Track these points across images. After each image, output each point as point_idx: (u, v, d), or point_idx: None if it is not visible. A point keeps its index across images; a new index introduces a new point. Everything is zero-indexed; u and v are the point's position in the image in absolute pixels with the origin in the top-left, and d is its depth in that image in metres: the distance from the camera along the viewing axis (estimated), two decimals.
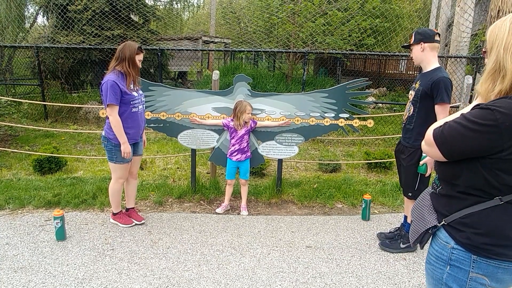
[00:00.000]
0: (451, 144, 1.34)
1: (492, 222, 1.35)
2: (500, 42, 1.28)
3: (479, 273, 1.39)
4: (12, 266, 3.03)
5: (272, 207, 4.44)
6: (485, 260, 1.37)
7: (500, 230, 1.35)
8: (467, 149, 1.30)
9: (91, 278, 2.90)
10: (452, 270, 1.44)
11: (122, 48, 3.46)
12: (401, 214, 4.29)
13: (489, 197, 1.35)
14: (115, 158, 3.56)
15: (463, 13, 6.86)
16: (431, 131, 1.40)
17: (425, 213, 1.53)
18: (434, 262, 1.50)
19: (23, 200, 4.25)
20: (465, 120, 1.31)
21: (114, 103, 3.37)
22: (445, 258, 1.45)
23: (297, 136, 4.37)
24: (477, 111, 1.29)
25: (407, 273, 3.09)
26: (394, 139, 7.62)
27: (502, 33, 1.29)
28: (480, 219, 1.36)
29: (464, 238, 1.40)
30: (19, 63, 11.96)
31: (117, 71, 3.46)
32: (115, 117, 3.41)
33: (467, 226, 1.39)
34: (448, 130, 1.34)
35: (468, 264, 1.40)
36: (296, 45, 9.23)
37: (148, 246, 3.41)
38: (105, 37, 8.79)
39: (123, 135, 3.47)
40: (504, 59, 1.27)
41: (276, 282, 2.91)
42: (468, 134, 1.29)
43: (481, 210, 1.36)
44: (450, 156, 1.36)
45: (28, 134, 7.58)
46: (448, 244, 1.44)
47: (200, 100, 4.32)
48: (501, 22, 1.32)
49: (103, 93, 3.38)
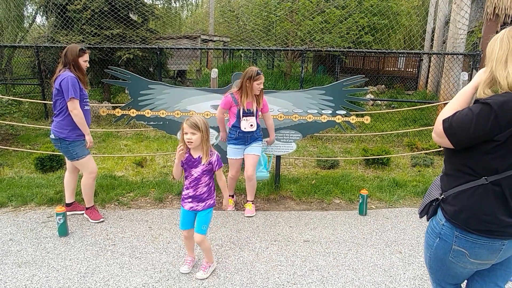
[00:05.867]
0: (459, 136, 1.57)
1: (473, 200, 1.61)
2: (494, 56, 1.56)
3: (460, 246, 1.68)
4: (16, 261, 3.09)
5: (271, 203, 4.50)
6: (464, 235, 1.65)
7: (478, 208, 1.60)
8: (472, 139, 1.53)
9: (93, 272, 2.97)
10: (440, 241, 1.75)
11: (65, 52, 3.64)
12: (398, 209, 4.37)
13: (478, 177, 1.59)
14: (75, 155, 3.69)
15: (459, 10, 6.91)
16: (441, 124, 1.62)
17: (432, 189, 1.83)
18: (430, 232, 1.82)
19: (25, 198, 4.31)
20: (471, 112, 1.53)
21: (76, 97, 3.54)
22: (437, 232, 1.76)
23: (295, 133, 4.43)
24: (479, 105, 1.53)
25: (402, 266, 3.15)
26: (392, 135, 7.68)
27: (497, 48, 1.56)
28: (467, 196, 1.62)
29: (451, 212, 1.67)
30: (19, 62, 12.01)
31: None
32: (79, 110, 3.59)
33: (456, 201, 1.66)
34: (456, 122, 1.56)
35: (452, 238, 1.70)
36: (294, 43, 9.28)
37: (149, 241, 3.48)
38: (104, 36, 8.83)
39: (87, 127, 3.69)
40: (496, 70, 1.54)
41: (274, 275, 2.98)
42: (472, 125, 1.51)
43: (468, 188, 1.62)
44: (458, 145, 1.60)
45: (29, 133, 7.64)
46: (440, 221, 1.73)
47: (199, 98, 4.39)
48: (494, 40, 1.60)
49: (63, 88, 3.52)
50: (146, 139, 7.41)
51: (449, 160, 1.73)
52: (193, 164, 2.82)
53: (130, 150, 6.64)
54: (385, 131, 7.66)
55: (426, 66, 14.66)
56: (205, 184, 2.85)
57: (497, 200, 1.58)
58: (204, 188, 2.84)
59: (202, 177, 2.82)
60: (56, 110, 3.65)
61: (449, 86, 7.18)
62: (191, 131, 2.68)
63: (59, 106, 3.61)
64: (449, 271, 1.81)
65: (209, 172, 2.84)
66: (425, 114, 9.08)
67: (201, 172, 2.80)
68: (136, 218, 3.98)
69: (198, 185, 2.83)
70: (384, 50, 8.16)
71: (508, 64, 1.51)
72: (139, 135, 7.71)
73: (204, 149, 2.78)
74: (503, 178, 1.54)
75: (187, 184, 2.85)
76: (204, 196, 2.85)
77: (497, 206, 1.58)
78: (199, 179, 2.82)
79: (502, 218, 1.58)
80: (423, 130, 7.40)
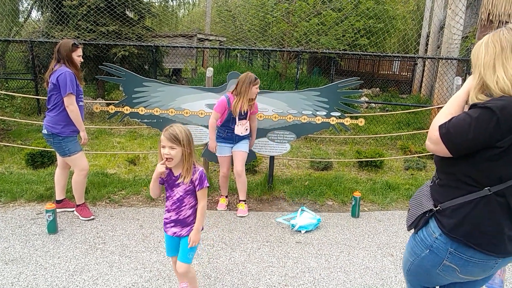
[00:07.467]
0: (457, 141, 1.49)
1: (476, 212, 1.51)
2: (480, 63, 1.53)
3: (452, 263, 1.60)
4: (3, 258, 3.04)
5: (264, 203, 4.49)
6: (459, 253, 1.56)
7: (482, 221, 1.51)
8: (471, 144, 1.46)
9: (82, 270, 2.93)
10: (430, 253, 1.65)
11: (58, 47, 3.60)
12: (390, 212, 4.37)
13: (479, 188, 1.50)
14: (68, 151, 3.64)
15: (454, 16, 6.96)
16: (437, 130, 1.54)
17: (423, 200, 1.71)
18: (418, 241, 1.71)
19: (15, 194, 4.26)
20: (468, 117, 1.47)
21: (73, 93, 3.52)
22: (428, 244, 1.65)
23: (289, 134, 4.42)
24: (477, 109, 1.46)
25: (394, 269, 3.15)
26: (386, 138, 7.71)
27: (482, 53, 1.53)
28: (469, 208, 1.52)
29: (450, 225, 1.56)
30: (13, 57, 11.88)
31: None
32: (75, 106, 3.56)
33: (456, 214, 1.55)
34: (454, 127, 1.49)
35: (444, 254, 1.60)
36: (290, 44, 9.28)
37: (140, 240, 3.45)
38: (100, 33, 8.76)
39: (82, 123, 3.66)
40: (485, 76, 1.51)
41: (265, 276, 2.97)
42: (471, 130, 1.44)
43: (470, 200, 1.52)
44: (456, 152, 1.51)
45: (20, 128, 7.55)
46: (434, 234, 1.62)
47: (194, 96, 4.36)
48: (478, 46, 1.57)
49: (60, 83, 3.48)
50: (139, 137, 7.36)
51: (445, 171, 1.62)
52: (174, 183, 2.31)
53: (123, 147, 6.59)
54: (379, 133, 7.69)
55: (420, 70, 14.75)
56: (190, 206, 2.34)
57: (502, 211, 1.50)
58: (189, 210, 2.34)
59: (185, 198, 2.32)
60: (50, 105, 3.60)
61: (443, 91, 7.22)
62: (169, 144, 2.18)
63: (54, 101, 3.57)
64: (430, 279, 1.74)
65: (194, 193, 2.34)
66: (418, 117, 9.14)
67: (183, 192, 2.30)
68: (127, 217, 3.94)
69: (181, 207, 2.33)
70: (379, 53, 8.19)
71: (496, 68, 1.48)
72: (133, 133, 7.66)
73: (185, 167, 2.25)
74: (507, 187, 1.48)
75: (169, 206, 2.36)
76: (190, 220, 2.36)
77: (502, 217, 1.51)
78: (182, 201, 2.32)
79: (505, 231, 1.51)
80: (417, 134, 7.44)
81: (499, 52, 1.48)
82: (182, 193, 2.30)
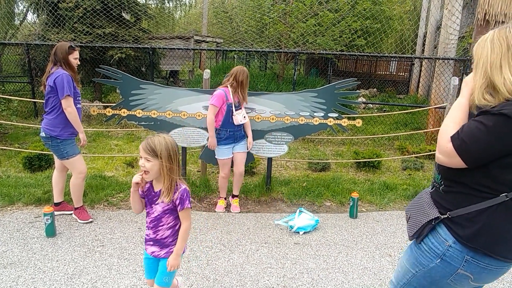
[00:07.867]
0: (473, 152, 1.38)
1: (493, 220, 1.43)
2: (485, 60, 1.43)
3: (467, 271, 1.49)
4: (2, 262, 3.04)
5: (262, 204, 4.49)
6: (477, 260, 1.47)
7: (502, 229, 1.43)
8: (489, 154, 1.37)
9: (80, 273, 2.93)
10: (442, 263, 1.53)
11: (54, 50, 3.60)
12: (388, 212, 4.39)
13: (495, 194, 1.42)
14: (66, 153, 3.64)
15: (450, 16, 6.99)
16: (449, 141, 1.43)
17: (425, 207, 1.60)
18: (425, 250, 1.59)
19: (12, 197, 4.24)
20: (483, 126, 1.37)
21: (71, 95, 3.52)
22: (439, 252, 1.53)
23: (287, 135, 4.43)
24: (491, 116, 1.37)
25: (392, 269, 3.16)
26: (383, 139, 7.73)
27: (485, 51, 1.44)
28: (485, 216, 1.43)
29: (468, 235, 1.46)
30: (9, 60, 11.85)
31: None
32: (73, 108, 3.56)
33: (472, 222, 1.45)
34: (468, 138, 1.38)
35: (460, 262, 1.49)
36: (287, 45, 9.30)
37: (138, 243, 3.44)
38: (97, 35, 8.75)
39: (80, 125, 3.66)
40: (492, 76, 1.41)
41: (264, 278, 2.97)
42: (489, 139, 1.35)
43: (487, 208, 1.42)
44: (473, 164, 1.41)
45: (17, 131, 7.53)
46: (446, 242, 1.51)
47: (191, 98, 4.36)
48: (483, 42, 1.47)
49: (58, 86, 3.47)
50: (137, 139, 7.35)
51: (455, 180, 1.51)
52: (153, 200, 2.11)
53: (120, 150, 6.59)
54: (376, 134, 7.71)
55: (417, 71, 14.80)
56: (168, 226, 2.13)
57: None
58: (167, 231, 2.13)
59: (163, 218, 2.10)
60: (47, 108, 3.60)
61: (440, 91, 7.25)
62: (145, 155, 1.97)
63: (52, 104, 3.57)
64: None
65: (173, 212, 2.11)
66: (416, 118, 9.17)
67: (161, 211, 2.08)
68: (125, 219, 3.94)
69: (158, 226, 2.12)
70: (376, 54, 8.21)
71: (502, 69, 1.40)
72: (130, 135, 7.65)
73: (165, 184, 2.02)
74: None
75: (148, 223, 2.16)
76: (168, 241, 2.15)
77: None
78: (160, 220, 2.11)
79: None
80: (414, 134, 7.46)
81: (505, 51, 1.41)
82: (160, 212, 2.09)
